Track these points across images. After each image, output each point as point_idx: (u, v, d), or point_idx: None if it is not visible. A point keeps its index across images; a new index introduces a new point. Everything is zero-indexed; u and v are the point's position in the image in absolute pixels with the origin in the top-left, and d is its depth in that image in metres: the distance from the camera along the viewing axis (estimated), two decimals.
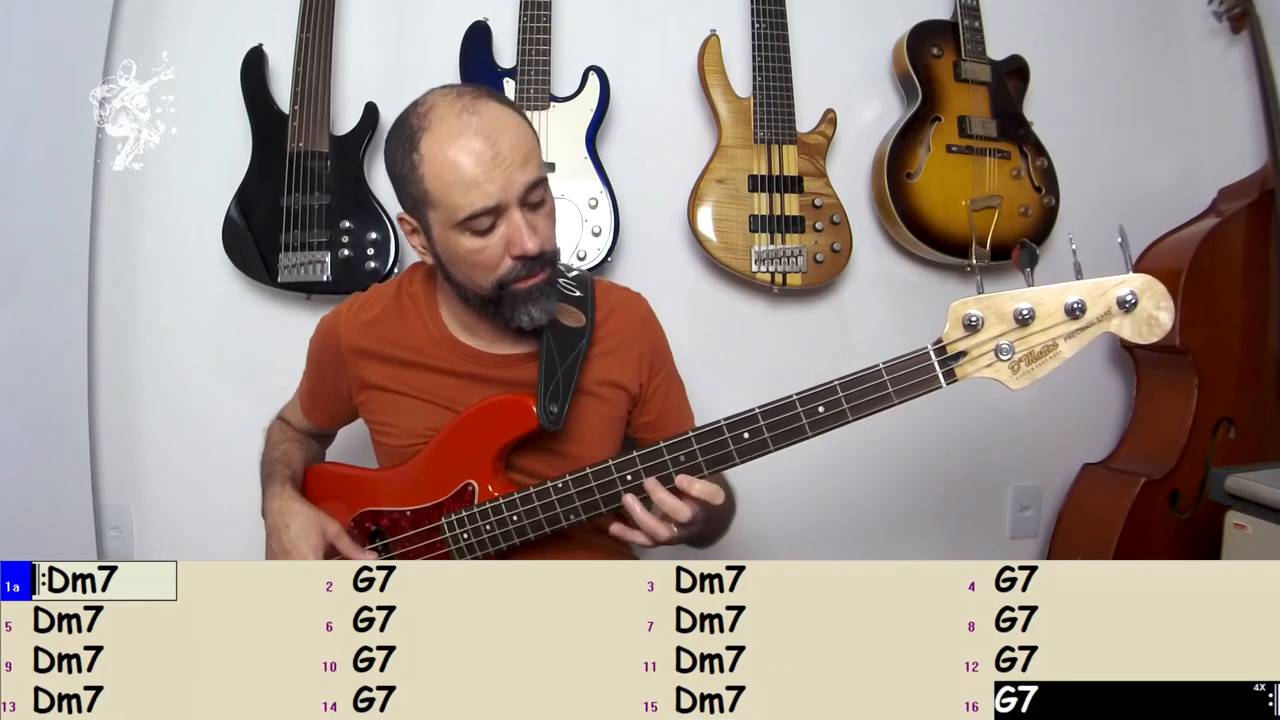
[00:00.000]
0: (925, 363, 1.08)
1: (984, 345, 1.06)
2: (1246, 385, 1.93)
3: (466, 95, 1.16)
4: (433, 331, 1.29)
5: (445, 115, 1.14)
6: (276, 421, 1.50)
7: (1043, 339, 1.04)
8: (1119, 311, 1.03)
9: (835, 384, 1.10)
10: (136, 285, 1.92)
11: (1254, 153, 2.04)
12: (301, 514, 1.27)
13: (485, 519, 1.23)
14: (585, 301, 1.31)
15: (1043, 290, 1.04)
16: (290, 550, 1.24)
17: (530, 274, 1.17)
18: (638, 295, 1.40)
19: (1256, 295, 1.94)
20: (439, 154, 1.13)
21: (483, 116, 1.13)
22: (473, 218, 1.13)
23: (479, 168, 1.11)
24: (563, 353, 1.25)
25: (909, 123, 1.94)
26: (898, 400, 1.08)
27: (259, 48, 1.84)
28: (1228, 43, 2.11)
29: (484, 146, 1.11)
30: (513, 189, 1.13)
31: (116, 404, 1.93)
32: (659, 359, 1.37)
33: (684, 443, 1.14)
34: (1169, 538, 1.88)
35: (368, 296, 1.36)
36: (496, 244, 1.15)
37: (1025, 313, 1.04)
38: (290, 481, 1.33)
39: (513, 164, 1.12)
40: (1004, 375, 1.06)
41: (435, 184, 1.14)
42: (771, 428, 1.11)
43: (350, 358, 1.31)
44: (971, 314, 1.05)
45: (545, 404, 1.22)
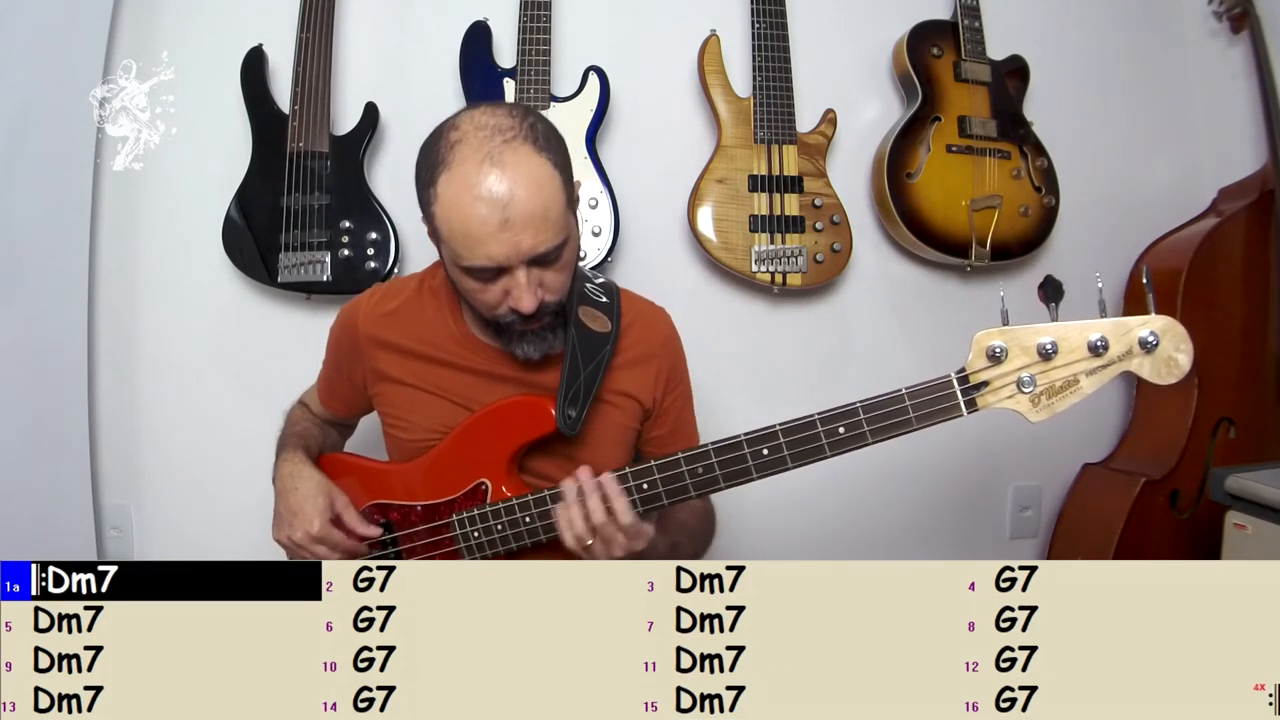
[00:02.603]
0: (948, 390, 1.08)
1: (1007, 377, 1.07)
2: (1246, 385, 1.93)
3: (498, 137, 1.09)
4: (452, 328, 1.29)
5: (468, 157, 1.08)
6: (298, 404, 1.49)
7: (1064, 374, 1.06)
8: (1140, 351, 1.04)
9: (857, 406, 1.10)
10: (136, 285, 1.92)
11: (1254, 153, 2.04)
12: (311, 479, 1.26)
13: (497, 518, 1.23)
14: (611, 308, 1.30)
15: (1066, 326, 1.05)
16: (296, 511, 1.23)
17: (526, 323, 1.17)
18: (662, 310, 1.39)
19: (1256, 295, 1.94)
20: (451, 200, 1.09)
21: (504, 169, 1.07)
22: (473, 270, 1.12)
23: (484, 229, 1.07)
24: (587, 357, 1.24)
25: (909, 123, 1.94)
26: (918, 426, 1.09)
27: (259, 48, 1.84)
28: (1228, 43, 2.11)
29: (492, 211, 1.06)
30: (518, 254, 1.09)
31: (116, 404, 1.93)
32: (677, 375, 1.37)
33: (702, 455, 1.13)
34: (1169, 538, 1.88)
35: (389, 288, 1.36)
36: (497, 291, 1.14)
37: (1049, 347, 1.05)
38: (304, 449, 1.33)
39: (523, 230, 1.08)
40: (1024, 407, 1.07)
41: (444, 226, 1.11)
42: (791, 446, 1.11)
43: (368, 348, 1.31)
44: (996, 345, 1.06)
45: (564, 408, 1.21)
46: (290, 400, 1.50)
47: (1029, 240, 1.98)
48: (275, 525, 1.28)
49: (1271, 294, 1.94)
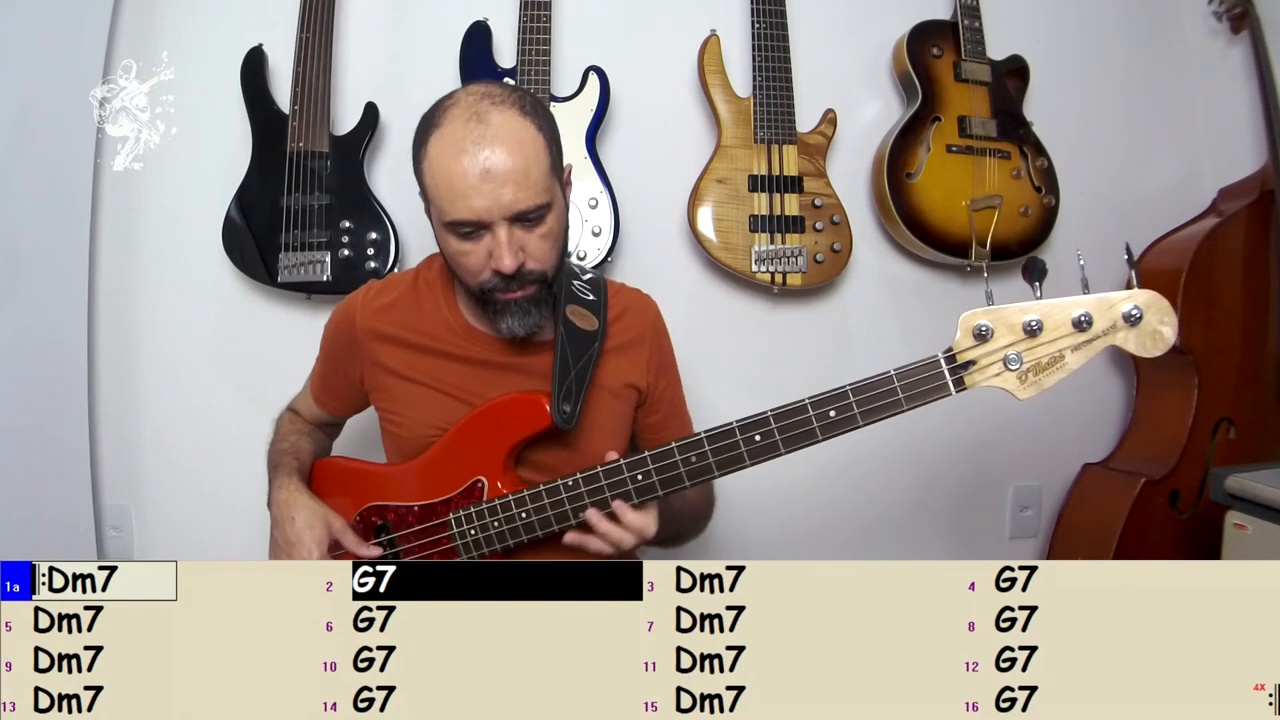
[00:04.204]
0: (935, 370, 1.09)
1: (993, 355, 1.08)
2: (1246, 385, 1.93)
3: (486, 100, 1.14)
4: (448, 317, 1.30)
5: (456, 117, 1.14)
6: (286, 412, 1.49)
7: (1050, 350, 1.07)
8: (1124, 325, 1.06)
9: (847, 389, 1.11)
10: (136, 285, 1.92)
11: (1254, 153, 2.04)
12: (307, 507, 1.27)
13: (494, 515, 1.23)
14: (598, 305, 1.32)
15: (1050, 303, 1.07)
16: (295, 542, 1.24)
17: (508, 289, 1.18)
18: (648, 297, 1.41)
19: (1256, 295, 1.94)
20: (437, 156, 1.14)
21: (489, 125, 1.12)
22: (456, 224, 1.15)
23: (465, 182, 1.11)
24: (576, 354, 1.26)
25: (909, 123, 1.94)
26: (908, 406, 1.10)
27: (259, 48, 1.84)
28: (1228, 43, 2.11)
29: (473, 163, 1.11)
30: (498, 209, 1.12)
31: (116, 404, 1.93)
32: (665, 361, 1.39)
33: (695, 443, 1.14)
34: (1169, 538, 1.88)
35: (385, 282, 1.38)
36: (480, 252, 1.16)
37: (1034, 324, 1.06)
38: (298, 473, 1.34)
39: (503, 183, 1.11)
40: (1011, 385, 1.08)
41: (431, 183, 1.15)
42: (783, 430, 1.12)
43: (365, 341, 1.32)
44: (982, 324, 1.07)
45: (559, 403, 1.23)
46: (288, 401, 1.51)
47: (1029, 240, 1.97)
48: (272, 553, 1.29)
49: (1271, 294, 1.94)
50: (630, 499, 1.17)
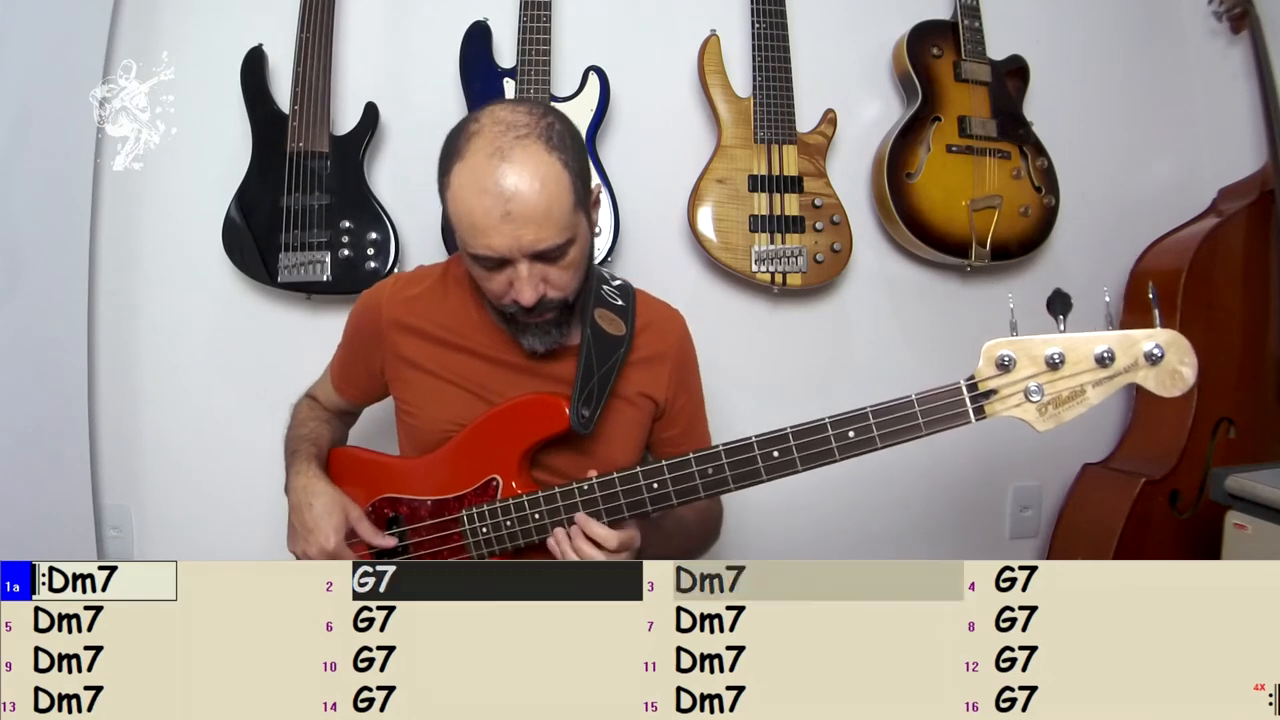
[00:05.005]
0: (957, 397, 1.09)
1: (1014, 386, 1.08)
2: (1246, 385, 1.93)
3: (511, 132, 1.12)
4: (474, 314, 1.30)
5: (479, 149, 1.12)
6: (305, 399, 1.50)
7: (1071, 384, 1.07)
8: (1145, 364, 1.06)
9: (867, 410, 1.11)
10: (136, 285, 1.92)
11: (1254, 153, 2.04)
12: (325, 494, 1.28)
13: (506, 515, 1.23)
14: (626, 311, 1.32)
15: (1073, 337, 1.06)
16: (312, 528, 1.24)
17: (528, 316, 1.19)
18: (676, 312, 1.41)
19: (1256, 295, 1.94)
20: (459, 190, 1.13)
21: (511, 164, 1.10)
22: (478, 258, 1.15)
23: (487, 220, 1.11)
24: (601, 358, 1.26)
25: (909, 123, 1.94)
26: (927, 431, 1.10)
27: (259, 48, 1.84)
28: (1228, 43, 2.11)
29: (496, 203, 1.10)
30: (519, 249, 1.13)
31: (116, 404, 1.93)
32: (689, 377, 1.39)
33: (713, 456, 1.14)
34: (1169, 538, 1.88)
35: (413, 274, 1.38)
36: (501, 281, 1.17)
37: (1056, 357, 1.06)
38: (316, 460, 1.34)
39: (524, 224, 1.11)
40: (1031, 416, 1.08)
41: (454, 212, 1.15)
42: (801, 449, 1.12)
43: (390, 331, 1.32)
44: (1005, 354, 1.07)
45: (578, 407, 1.23)
46: (292, 399, 1.50)
47: (1029, 240, 1.97)
48: (290, 538, 1.30)
49: (1271, 294, 1.94)
50: (644, 506, 1.17)
